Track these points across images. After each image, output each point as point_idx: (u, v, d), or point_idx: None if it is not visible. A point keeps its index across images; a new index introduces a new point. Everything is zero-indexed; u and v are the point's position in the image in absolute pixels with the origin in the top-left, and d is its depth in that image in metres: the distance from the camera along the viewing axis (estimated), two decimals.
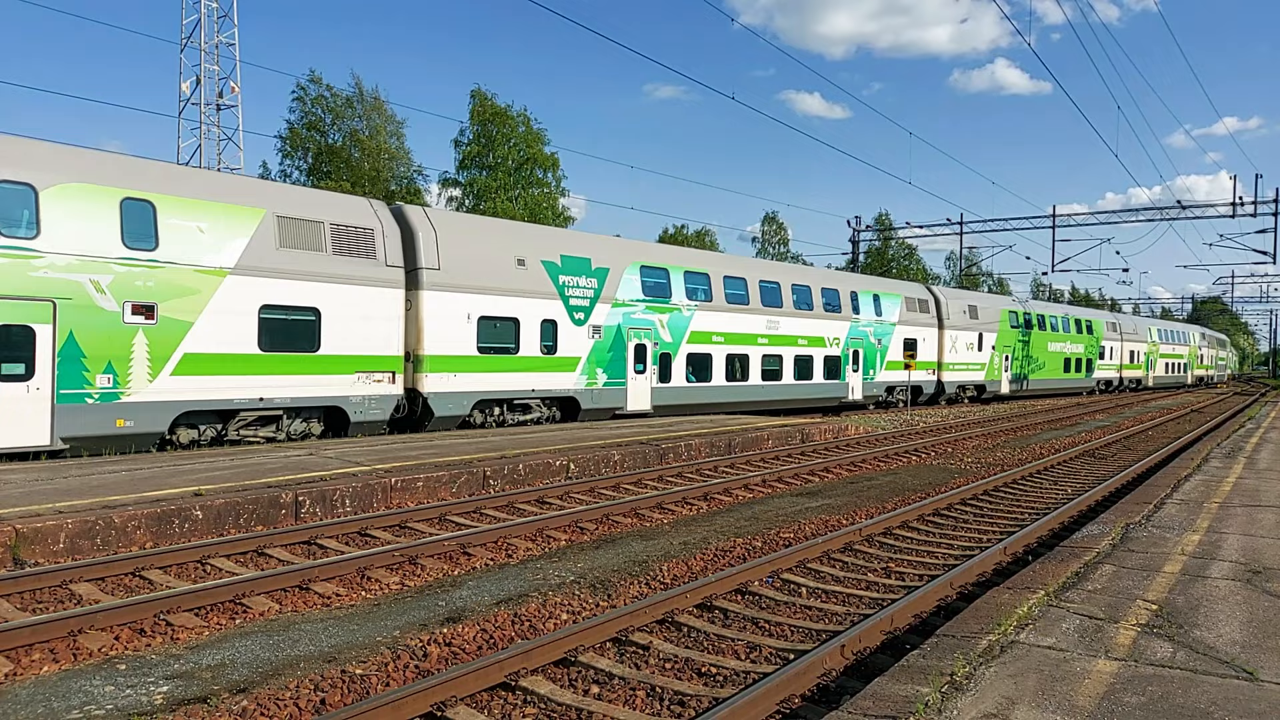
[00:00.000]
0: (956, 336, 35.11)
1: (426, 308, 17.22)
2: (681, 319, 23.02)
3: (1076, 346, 45.82)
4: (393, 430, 17.18)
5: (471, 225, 19.92)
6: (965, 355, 35.80)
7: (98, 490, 9.88)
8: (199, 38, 38.05)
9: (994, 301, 40.41)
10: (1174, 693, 4.51)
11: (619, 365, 21.27)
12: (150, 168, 14.38)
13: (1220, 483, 12.24)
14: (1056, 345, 43.50)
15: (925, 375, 33.45)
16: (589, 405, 20.56)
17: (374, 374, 16.25)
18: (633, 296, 21.65)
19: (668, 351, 22.53)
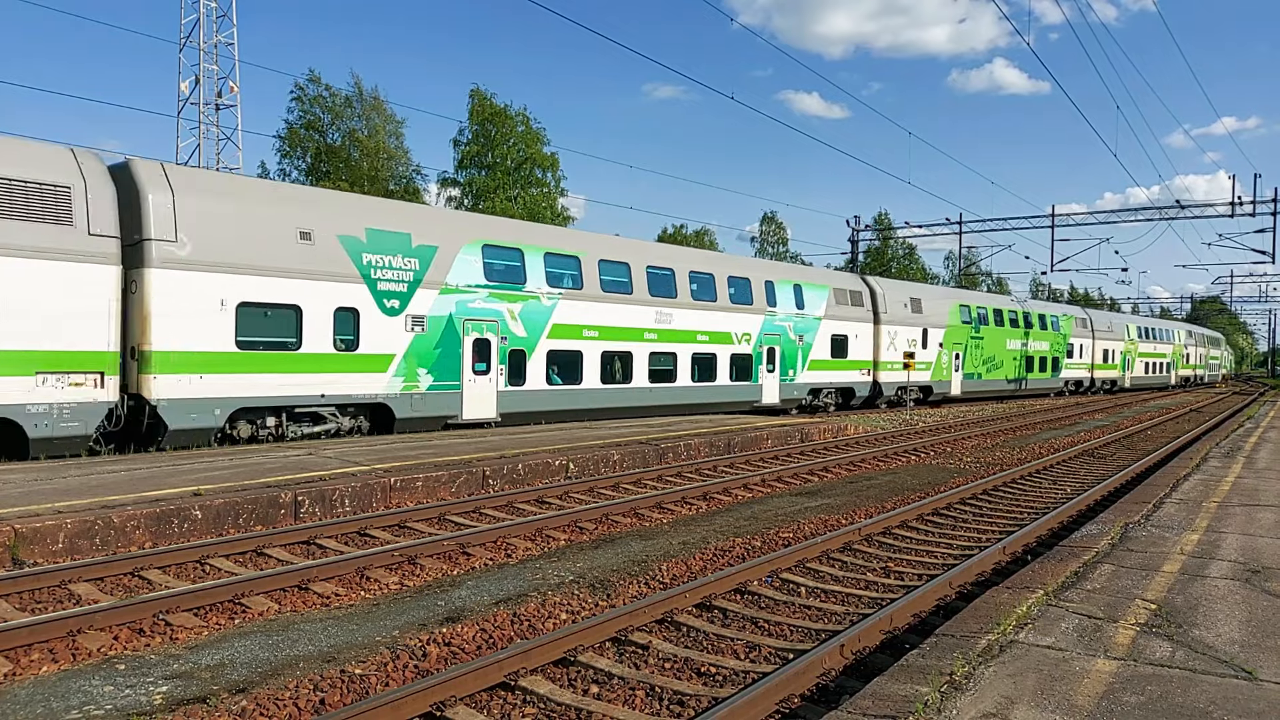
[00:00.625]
0: (896, 332, 31.18)
1: (155, 290, 13.46)
2: (540, 310, 19.27)
3: (1040, 344, 41.96)
4: (115, 448, 13.72)
5: (230, 188, 15.67)
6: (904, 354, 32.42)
7: (96, 490, 9.88)
8: (198, 37, 38.03)
9: (941, 294, 36.54)
10: (1173, 692, 4.51)
11: (451, 365, 17.54)
12: None
13: (1219, 482, 12.25)
14: (1017, 343, 39.72)
15: (858, 375, 29.71)
16: (407, 413, 16.79)
17: (69, 375, 12.67)
18: (471, 281, 17.89)
19: (521, 348, 18.85)
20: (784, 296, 26.70)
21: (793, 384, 26.90)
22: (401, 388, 16.73)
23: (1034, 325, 41.49)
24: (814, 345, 27.69)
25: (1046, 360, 42.73)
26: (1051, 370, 42.98)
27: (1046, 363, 42.71)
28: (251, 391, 14.67)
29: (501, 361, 18.53)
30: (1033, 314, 41.92)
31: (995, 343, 38.05)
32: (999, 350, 38.46)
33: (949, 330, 34.52)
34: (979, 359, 36.74)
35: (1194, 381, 70.25)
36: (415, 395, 16.97)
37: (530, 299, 19.18)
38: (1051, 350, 43.14)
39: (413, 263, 16.89)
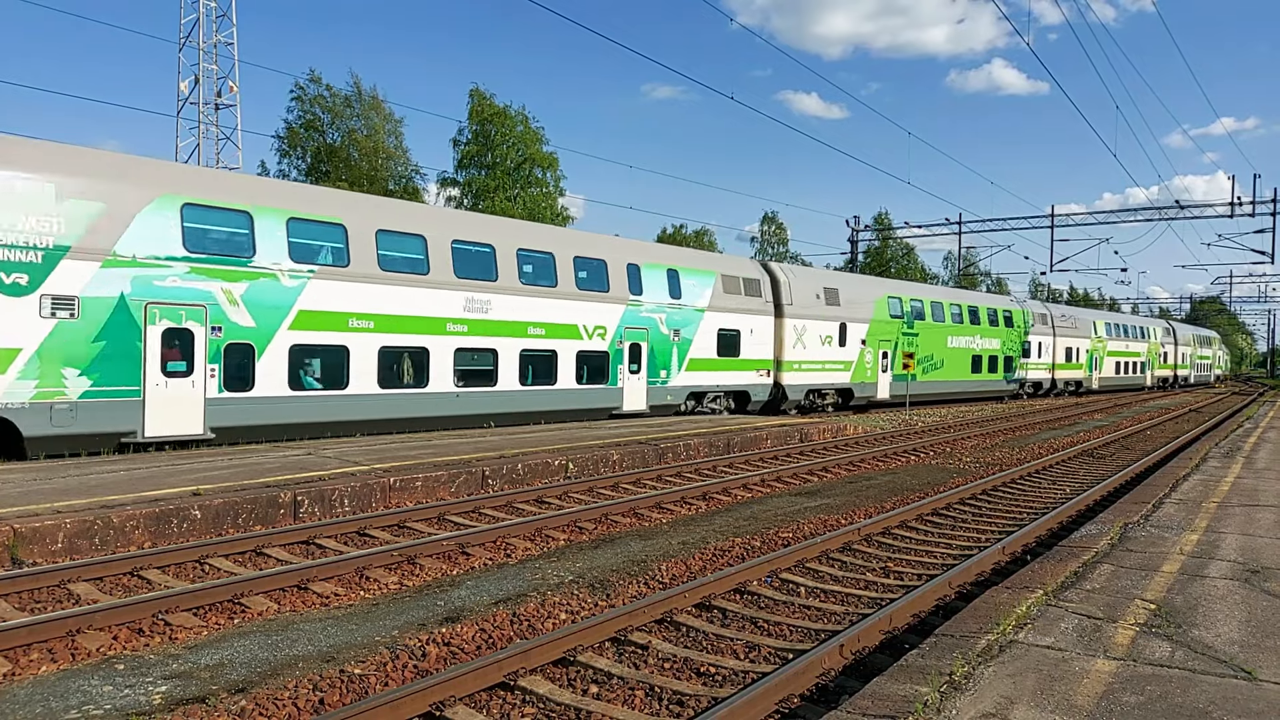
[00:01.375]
0: (804, 327, 26.89)
1: None
2: (277, 292, 14.86)
3: (990, 341, 37.26)
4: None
5: None
6: (819, 351, 27.50)
7: (96, 490, 9.87)
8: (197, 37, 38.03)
9: (865, 284, 31.97)
10: (1172, 692, 4.51)
11: (124, 364, 13.16)
12: None
13: (1219, 482, 12.25)
14: (961, 340, 35.16)
15: (753, 377, 25.23)
16: (44, 431, 12.46)
17: None
18: (159, 251, 13.50)
19: (246, 342, 14.50)
20: (654, 283, 22.27)
21: (665, 387, 22.46)
22: (31, 396, 12.29)
23: (983, 321, 37.03)
24: (695, 342, 23.19)
25: (998, 359, 38.13)
26: (1005, 370, 38.37)
27: (998, 362, 38.11)
28: None
29: (213, 360, 14.07)
30: (981, 308, 37.59)
31: (934, 340, 33.41)
32: (938, 348, 33.79)
33: (875, 325, 29.96)
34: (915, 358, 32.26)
35: (1175, 383, 64.35)
36: (58, 406, 12.53)
37: (262, 277, 14.71)
38: (1004, 348, 38.64)
39: (52, 224, 12.51)
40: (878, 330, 30.34)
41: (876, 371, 30.35)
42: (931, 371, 33.62)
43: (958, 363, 35.36)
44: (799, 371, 27.04)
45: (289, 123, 42.52)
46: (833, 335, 28.25)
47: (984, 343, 37.14)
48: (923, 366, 32.77)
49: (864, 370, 29.75)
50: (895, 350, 30.93)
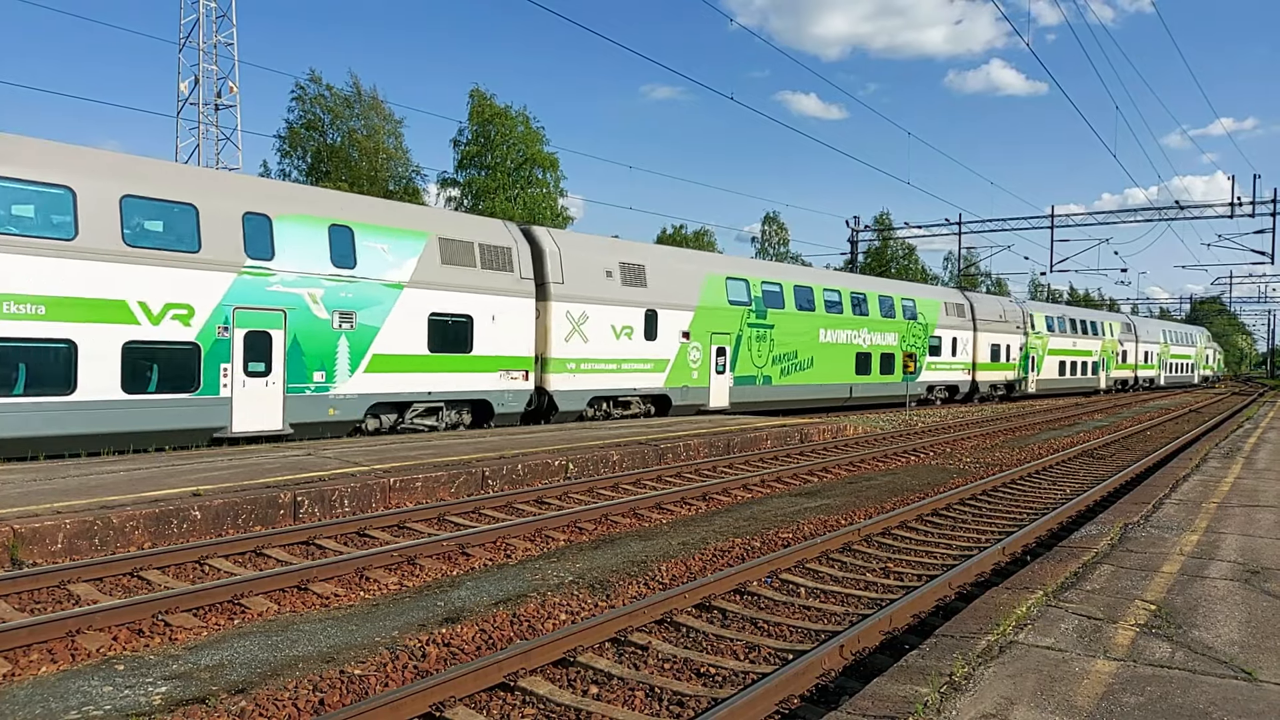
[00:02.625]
0: (587, 314, 20.53)
1: None
2: None
3: (883, 337, 30.93)
4: None
5: None
6: (612, 346, 21.15)
7: (96, 490, 9.87)
8: (197, 37, 38.04)
9: (685, 261, 24.95)
10: (1173, 693, 4.51)
11: None
12: None
13: (1219, 483, 12.25)
14: (841, 334, 28.86)
15: (495, 381, 18.54)
16: None
17: None
18: None
19: None
20: (300, 242, 15.49)
21: (323, 396, 15.70)
22: None
23: (873, 310, 30.45)
24: (383, 330, 16.49)
25: (895, 358, 31.54)
26: (904, 371, 31.19)
27: (894, 361, 31.51)
28: None
29: None
30: (870, 295, 30.76)
31: (798, 333, 27.10)
32: (805, 343, 27.40)
33: (704, 314, 23.67)
34: (766, 356, 25.87)
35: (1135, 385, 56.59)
36: None
37: None
38: (904, 344, 32.19)
39: None
40: (710, 320, 23.85)
41: (707, 372, 23.93)
42: (795, 373, 27.10)
43: (835, 362, 28.63)
44: (577, 373, 20.39)
45: (289, 123, 42.60)
46: (634, 326, 21.61)
47: (874, 337, 30.53)
48: (781, 367, 26.43)
49: (686, 371, 23.18)
50: (739, 346, 24.82)
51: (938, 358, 34.78)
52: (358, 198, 19.75)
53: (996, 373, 38.92)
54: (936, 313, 34.63)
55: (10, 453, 12.34)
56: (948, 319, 35.37)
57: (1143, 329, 57.71)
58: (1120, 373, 52.97)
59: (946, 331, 35.18)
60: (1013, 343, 39.96)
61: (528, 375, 19.34)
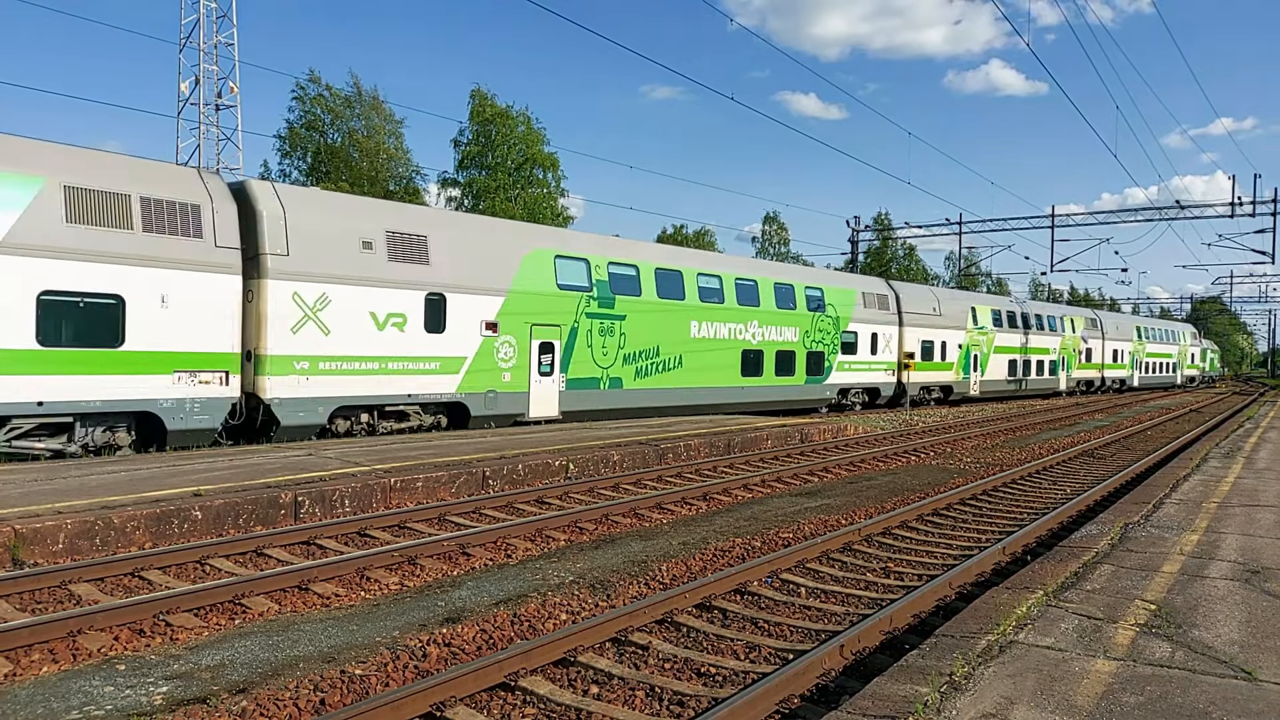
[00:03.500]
0: (329, 297, 15.64)
1: None
2: None
3: (780, 332, 26.17)
4: None
5: None
6: (372, 340, 16.27)
7: (96, 491, 9.88)
8: (198, 38, 38.04)
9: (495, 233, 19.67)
10: (1173, 693, 4.52)
11: None
12: None
13: (1219, 483, 12.25)
14: (721, 327, 24.19)
15: (168, 385, 13.84)
16: None
17: None
18: None
19: None
20: None
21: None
22: None
23: (766, 300, 25.79)
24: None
25: (795, 356, 26.80)
26: (807, 372, 27.22)
27: (794, 360, 26.80)
28: None
29: None
30: (763, 282, 25.94)
31: (662, 326, 22.51)
32: (674, 339, 22.82)
33: (521, 300, 18.91)
34: (615, 353, 21.29)
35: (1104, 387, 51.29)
36: None
37: None
38: (808, 341, 27.34)
39: None
40: (530, 307, 19.13)
41: (526, 374, 19.12)
42: (656, 374, 22.44)
43: (713, 361, 24.07)
44: (312, 376, 15.51)
45: (290, 123, 42.61)
46: (410, 313, 16.85)
47: (768, 332, 25.74)
48: (637, 367, 21.82)
49: (492, 372, 18.38)
50: (573, 341, 20.14)
51: (853, 356, 29.62)
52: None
53: (929, 373, 33.90)
54: (851, 304, 29.61)
55: None
56: (866, 311, 30.32)
57: (1111, 324, 52.55)
58: (1084, 373, 47.72)
59: (864, 326, 30.10)
60: (950, 339, 34.88)
61: (227, 378, 14.46)
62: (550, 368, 19.77)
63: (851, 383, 29.79)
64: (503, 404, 18.76)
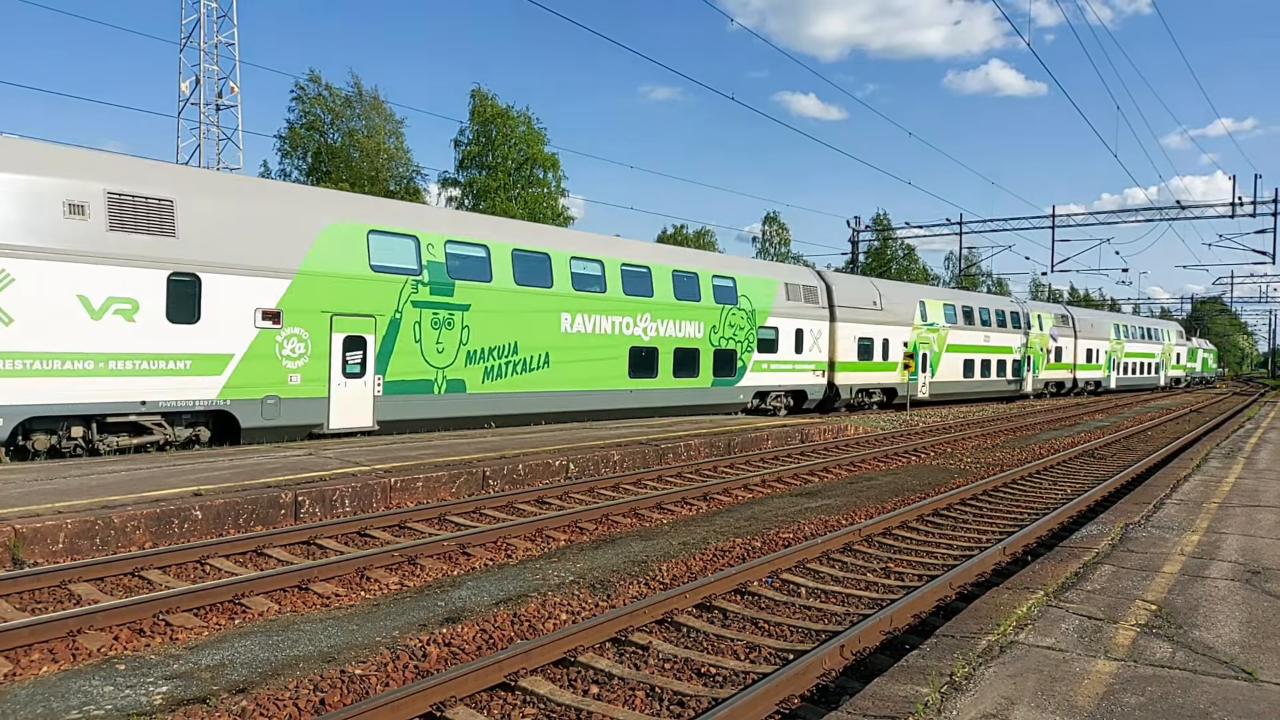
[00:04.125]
0: (13, 278, 12.09)
1: None
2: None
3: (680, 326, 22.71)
4: None
5: None
6: (76, 332, 12.66)
7: (97, 490, 9.88)
8: (198, 38, 38.04)
9: (281, 202, 15.99)
10: (1173, 693, 4.51)
11: None
12: None
13: (1219, 483, 12.25)
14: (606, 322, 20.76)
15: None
16: None
17: None
18: None
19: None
20: None
21: None
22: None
23: (660, 290, 22.15)
24: None
25: (699, 355, 23.34)
26: (715, 373, 23.79)
27: (698, 359, 23.28)
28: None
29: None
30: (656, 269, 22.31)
31: (521, 318, 18.72)
32: (537, 334, 19.04)
33: (317, 284, 15.45)
34: (455, 350, 17.53)
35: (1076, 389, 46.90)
36: None
37: None
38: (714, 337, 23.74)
39: None
40: (330, 293, 15.67)
41: (324, 374, 15.58)
42: (513, 374, 18.57)
43: (592, 359, 20.27)
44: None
45: (290, 123, 42.62)
46: (143, 298, 13.28)
47: (664, 327, 22.21)
48: (486, 366, 18.01)
49: (273, 372, 14.88)
50: (394, 334, 16.49)
51: (772, 355, 25.83)
52: None
53: (868, 374, 29.94)
54: (771, 296, 25.84)
55: None
56: (790, 305, 26.56)
57: (1085, 321, 48.26)
58: (1053, 373, 43.75)
59: (787, 321, 26.41)
60: (894, 337, 31.10)
61: None
62: (361, 368, 16.08)
63: (771, 385, 26.02)
64: (289, 412, 15.09)
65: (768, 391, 26.08)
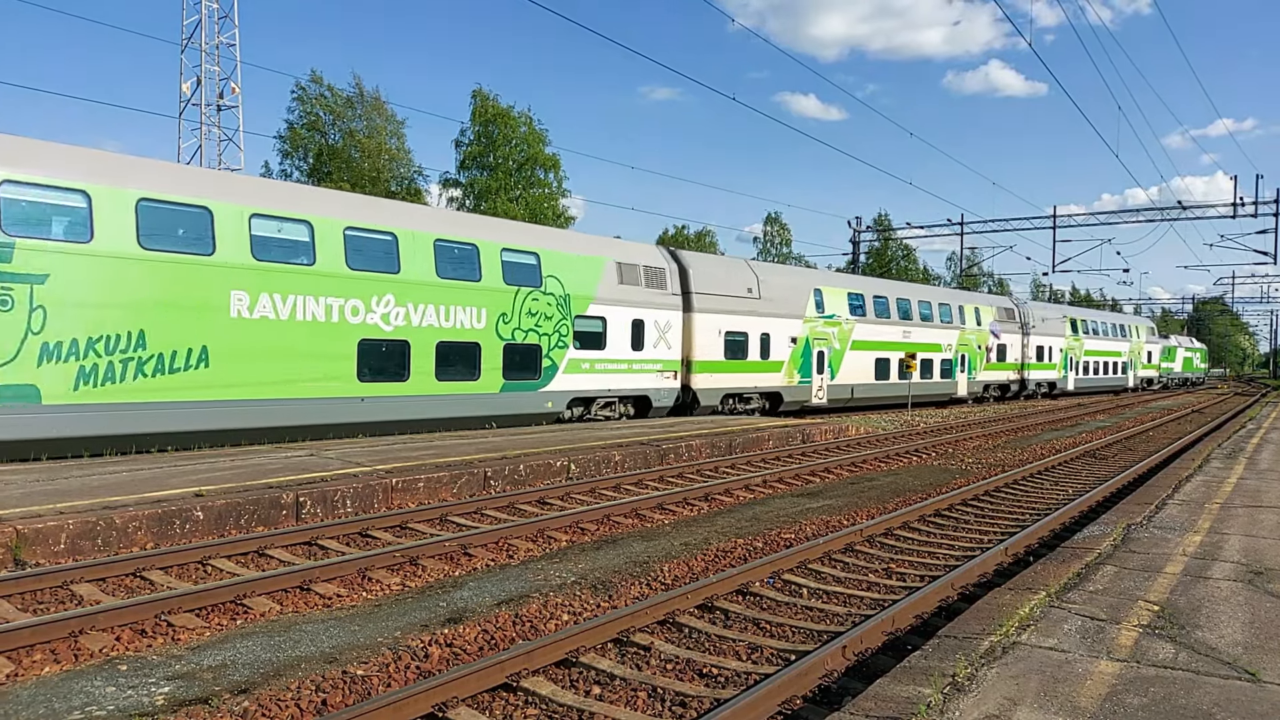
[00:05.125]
0: None
1: None
2: None
3: (447, 313, 17.54)
4: None
5: None
6: None
7: (98, 491, 9.88)
8: (199, 38, 38.06)
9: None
10: (1176, 694, 4.50)
11: None
12: None
13: (1221, 483, 12.23)
14: (315, 304, 15.45)
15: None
16: None
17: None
18: None
19: None
20: None
21: None
22: None
23: (415, 267, 16.98)
24: None
25: (480, 352, 18.11)
26: (508, 373, 18.60)
27: (478, 357, 18.08)
28: None
29: None
30: (404, 236, 16.95)
31: (153, 298, 13.53)
32: (184, 320, 13.92)
33: None
34: (15, 343, 12.18)
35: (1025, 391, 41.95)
36: None
37: None
38: (503, 328, 18.50)
39: None
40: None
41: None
42: (140, 377, 13.42)
43: (291, 355, 15.16)
44: None
45: (291, 123, 42.64)
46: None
47: (419, 312, 17.00)
48: (83, 366, 12.83)
49: None
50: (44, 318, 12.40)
51: (598, 352, 20.56)
52: None
53: (739, 375, 24.66)
54: (594, 278, 20.47)
55: None
56: (625, 290, 21.24)
57: (1036, 315, 42.98)
58: (995, 374, 38.78)
59: (620, 310, 21.03)
60: (777, 330, 25.96)
61: None
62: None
63: (596, 389, 20.62)
64: None
65: (592, 398, 20.75)
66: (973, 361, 36.87)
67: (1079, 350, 47.27)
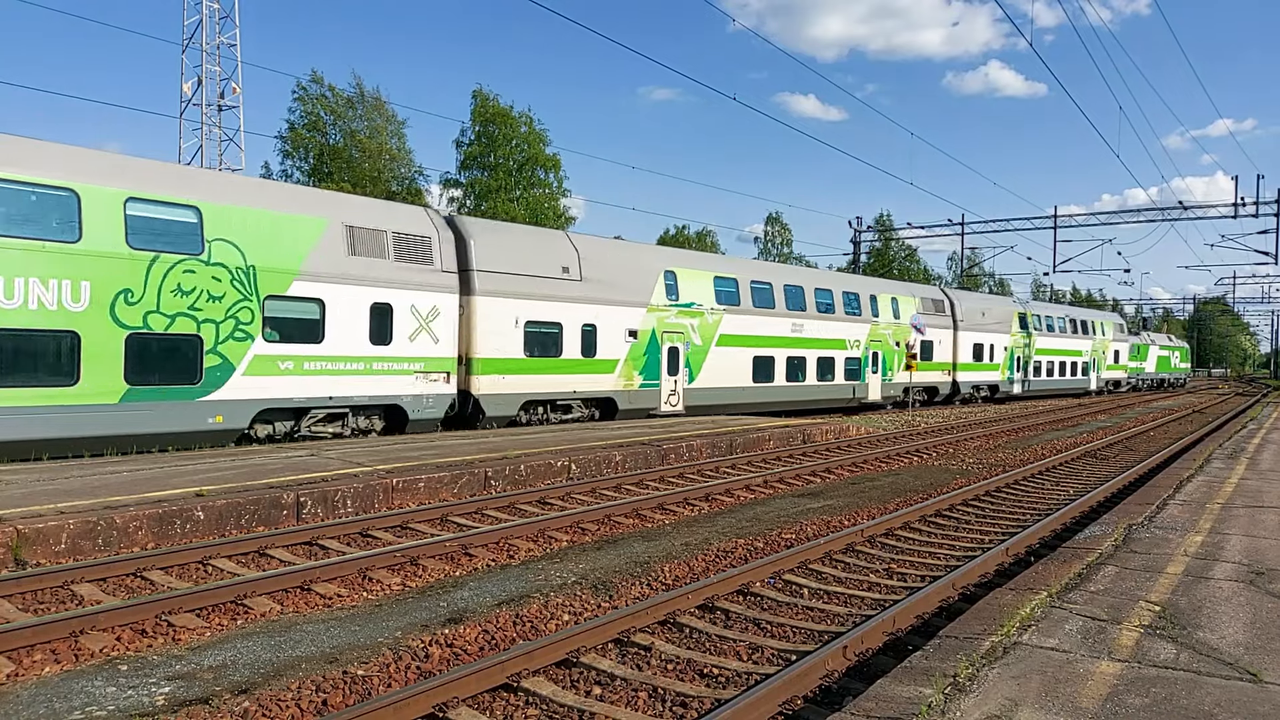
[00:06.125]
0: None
1: None
2: None
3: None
4: None
5: None
6: None
7: (99, 491, 9.88)
8: (200, 39, 38.08)
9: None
10: (1177, 694, 4.50)
11: None
12: None
13: (1222, 484, 12.22)
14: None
15: None
16: None
17: None
18: None
19: None
20: None
21: None
22: None
23: (94, 233, 12.92)
24: None
25: (80, 345, 12.92)
26: (146, 376, 13.63)
27: (76, 355, 12.90)
28: None
29: None
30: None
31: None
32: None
33: None
34: None
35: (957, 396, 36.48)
36: None
37: None
38: (126, 311, 13.34)
39: None
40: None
41: None
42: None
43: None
44: None
45: (291, 123, 42.65)
46: None
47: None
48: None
49: None
50: None
51: (312, 345, 15.78)
52: None
53: (549, 377, 19.91)
54: (305, 244, 15.69)
55: None
56: (363, 262, 16.50)
57: (974, 308, 37.59)
58: (920, 375, 33.60)
59: (358, 290, 16.42)
60: (609, 322, 21.32)
61: None
62: None
63: (305, 396, 15.65)
64: None
65: (301, 409, 15.75)
66: (887, 360, 31.67)
67: (1028, 349, 41.47)
